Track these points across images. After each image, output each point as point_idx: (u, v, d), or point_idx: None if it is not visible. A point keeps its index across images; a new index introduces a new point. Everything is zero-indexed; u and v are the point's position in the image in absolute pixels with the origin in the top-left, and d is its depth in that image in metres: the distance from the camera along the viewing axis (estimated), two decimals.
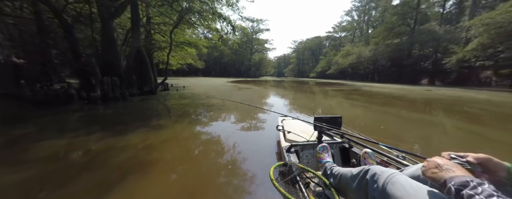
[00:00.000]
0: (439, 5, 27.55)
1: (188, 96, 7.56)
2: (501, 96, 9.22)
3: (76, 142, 2.53)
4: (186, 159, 2.12)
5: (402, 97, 8.84)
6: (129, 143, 2.48)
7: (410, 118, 4.43)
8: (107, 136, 2.71)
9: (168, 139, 2.67)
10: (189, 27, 11.56)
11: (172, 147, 2.44)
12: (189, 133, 3.00)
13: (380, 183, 0.60)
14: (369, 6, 42.74)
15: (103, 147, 2.34)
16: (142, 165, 1.91)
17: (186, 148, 2.45)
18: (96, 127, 3.23)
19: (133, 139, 2.61)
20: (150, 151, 2.26)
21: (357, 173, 0.75)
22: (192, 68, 30.70)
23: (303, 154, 1.45)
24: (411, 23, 27.32)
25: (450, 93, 10.42)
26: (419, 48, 26.55)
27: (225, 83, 17.54)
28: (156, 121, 3.59)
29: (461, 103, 7.14)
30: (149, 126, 3.25)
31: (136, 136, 2.73)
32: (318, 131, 1.45)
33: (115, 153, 2.20)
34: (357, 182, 0.73)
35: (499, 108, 6.09)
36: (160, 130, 3.07)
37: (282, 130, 1.95)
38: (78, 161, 2.02)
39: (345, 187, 0.83)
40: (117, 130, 3.05)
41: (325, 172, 1.03)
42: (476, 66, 17.43)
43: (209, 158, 2.16)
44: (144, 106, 5.37)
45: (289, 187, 0.91)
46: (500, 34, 12.44)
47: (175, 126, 3.36)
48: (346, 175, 0.82)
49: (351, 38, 48.37)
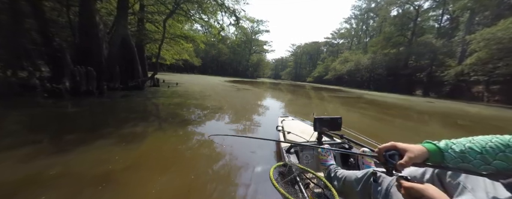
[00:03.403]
0: (434, 19, 28.55)
1: (180, 95, 6.61)
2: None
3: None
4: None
5: (411, 108, 8.41)
6: (69, 170, 1.57)
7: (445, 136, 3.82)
8: (43, 154, 1.78)
9: (139, 162, 1.78)
10: (187, 20, 10.63)
11: (141, 174, 1.57)
12: (171, 150, 2.13)
13: (384, 185, 0.60)
14: (367, 15, 43.66)
15: (19, 177, 1.43)
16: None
17: (163, 175, 1.58)
18: (36, 135, 2.26)
19: (82, 162, 1.70)
20: (104, 185, 1.38)
21: (361, 176, 0.75)
22: (187, 65, 29.44)
23: (303, 155, 1.41)
24: (408, 34, 27.87)
25: (455, 107, 10.18)
26: (415, 60, 27.04)
27: (223, 82, 16.60)
28: (132, 128, 2.68)
29: (481, 118, 6.75)
30: (119, 136, 2.34)
31: (90, 155, 1.82)
32: (317, 132, 1.44)
33: (39, 189, 1.30)
34: (362, 185, 0.73)
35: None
36: (132, 142, 2.18)
37: (281, 130, 1.93)
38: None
39: (349, 190, 0.81)
40: (65, 141, 2.12)
41: (329, 175, 1.03)
42: (470, 81, 17.77)
43: None
44: (124, 104, 4.40)
45: (289, 188, 0.90)
46: (500, 50, 12.54)
47: (155, 135, 2.47)
48: (351, 178, 0.81)
49: (348, 46, 49.08)
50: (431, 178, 0.63)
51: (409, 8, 28.74)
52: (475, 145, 0.52)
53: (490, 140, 0.51)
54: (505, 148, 0.48)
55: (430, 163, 0.54)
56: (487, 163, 0.49)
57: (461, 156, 0.51)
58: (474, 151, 0.51)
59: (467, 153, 0.51)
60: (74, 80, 4.66)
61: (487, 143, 0.51)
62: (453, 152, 0.52)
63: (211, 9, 9.38)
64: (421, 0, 27.15)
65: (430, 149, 0.54)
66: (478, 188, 0.50)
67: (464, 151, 0.51)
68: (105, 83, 5.50)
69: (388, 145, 0.57)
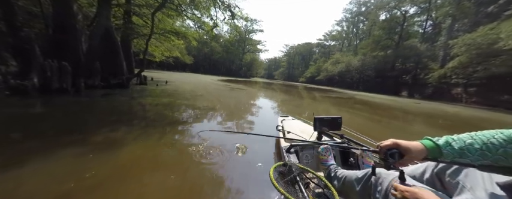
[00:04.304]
0: (419, 24, 30.17)
1: (170, 94, 6.18)
2: (489, 114, 9.61)
3: None
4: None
5: (400, 109, 8.64)
6: (21, 188, 1.23)
7: None
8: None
9: (111, 177, 1.46)
10: (178, 15, 10.09)
11: (113, 195, 1.26)
12: (154, 160, 1.82)
13: (384, 185, 0.60)
14: (357, 18, 45.09)
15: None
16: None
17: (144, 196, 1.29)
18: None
19: (39, 177, 1.35)
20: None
21: (361, 176, 0.74)
22: (179, 63, 28.44)
23: (303, 155, 1.41)
24: (396, 38, 29.14)
25: (438, 107, 10.68)
26: (402, 62, 28.32)
27: (216, 81, 16.13)
28: (109, 133, 2.31)
29: (460, 118, 7.05)
30: (92, 143, 1.98)
31: (51, 168, 1.46)
32: (317, 132, 1.44)
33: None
34: (362, 185, 0.72)
35: None
36: (107, 151, 1.83)
37: (281, 130, 1.92)
38: None
39: (349, 190, 0.80)
40: (22, 149, 1.72)
41: (329, 175, 1.03)
42: (451, 83, 18.92)
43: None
44: (104, 104, 3.93)
45: (289, 188, 0.91)
46: (479, 54, 13.39)
47: (137, 142, 2.11)
48: (351, 178, 0.81)
49: (339, 47, 50.38)
50: (431, 177, 0.62)
51: (397, 13, 30.05)
52: (476, 141, 0.52)
53: (493, 136, 0.51)
54: (507, 144, 0.48)
55: (428, 158, 0.57)
56: (485, 159, 0.50)
57: (459, 153, 0.53)
58: (474, 148, 0.52)
59: (466, 149, 0.52)
60: (44, 76, 4.09)
61: (489, 139, 0.51)
62: (451, 149, 0.54)
63: (205, 4, 8.96)
64: (408, 6, 28.48)
65: (429, 147, 0.56)
66: (477, 187, 0.50)
67: (463, 148, 0.53)
68: (83, 80, 4.94)
69: (390, 143, 0.59)
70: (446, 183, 0.57)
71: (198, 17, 10.25)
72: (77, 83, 4.56)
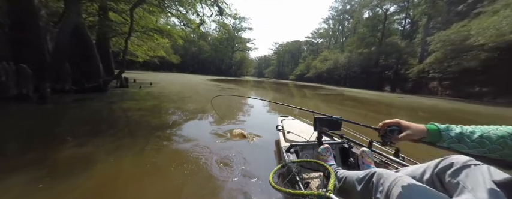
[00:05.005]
0: (398, 22, 31.93)
1: (155, 97, 5.72)
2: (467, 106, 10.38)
3: None
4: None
5: (385, 102, 9.00)
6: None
7: None
8: None
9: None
10: (161, 12, 9.43)
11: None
12: (130, 185, 1.54)
13: (385, 186, 0.60)
14: (343, 16, 46.49)
15: None
16: None
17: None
18: None
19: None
20: None
21: (363, 176, 0.73)
22: (165, 62, 27.06)
23: (303, 155, 1.42)
24: (379, 35, 30.51)
25: (418, 101, 11.35)
26: (384, 58, 29.79)
27: (205, 81, 15.56)
28: (75, 149, 1.94)
29: (437, 110, 7.50)
30: (49, 165, 1.62)
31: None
32: (317, 131, 1.43)
33: None
34: (363, 185, 0.71)
35: None
36: (68, 177, 1.51)
37: (281, 130, 1.92)
38: None
39: (350, 190, 0.80)
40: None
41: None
42: (428, 77, 20.34)
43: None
44: (75, 112, 3.45)
45: (288, 188, 0.88)
46: (453, 50, 14.43)
47: (111, 160, 1.76)
48: (352, 178, 0.81)
49: (327, 45, 51.70)
50: (431, 178, 0.62)
51: (379, 11, 31.40)
52: (477, 130, 0.54)
53: (496, 128, 0.53)
54: (508, 135, 0.50)
55: (425, 141, 0.60)
56: (482, 147, 0.52)
57: (458, 137, 0.55)
58: (473, 135, 0.54)
59: (466, 135, 0.54)
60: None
61: (491, 131, 0.53)
62: (452, 133, 0.56)
63: (190, 0, 8.45)
64: (389, 5, 29.87)
65: (430, 129, 0.59)
66: (478, 188, 0.49)
67: (462, 134, 0.55)
68: (50, 84, 4.33)
69: (393, 121, 0.64)
70: (447, 184, 0.57)
71: (183, 14, 9.66)
72: (41, 88, 3.97)
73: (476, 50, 12.94)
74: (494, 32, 11.13)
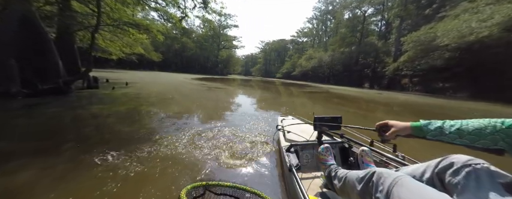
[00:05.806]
0: (375, 23, 34.34)
1: (130, 99, 5.10)
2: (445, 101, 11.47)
3: None
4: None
5: (366, 98, 9.50)
6: None
7: None
8: None
9: None
10: (137, 4, 8.55)
11: None
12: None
13: (386, 185, 0.61)
14: (325, 17, 48.27)
15: None
16: None
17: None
18: None
19: None
20: None
21: (363, 176, 0.73)
22: (144, 60, 25.14)
23: (303, 154, 1.44)
24: (358, 36, 32.38)
25: (393, 96, 12.32)
26: (363, 57, 31.78)
27: (190, 80, 14.76)
28: (12, 175, 1.44)
29: (408, 104, 8.16)
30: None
31: None
32: (317, 131, 1.43)
33: None
34: (363, 185, 0.71)
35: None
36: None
37: (281, 130, 1.92)
38: None
39: (350, 189, 0.80)
40: None
41: (329, 175, 1.03)
42: (401, 75, 22.27)
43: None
44: (20, 121, 2.77)
45: None
46: (422, 50, 15.88)
47: (61, 188, 1.32)
48: (352, 177, 0.81)
49: (311, 44, 53.32)
50: (431, 177, 0.62)
51: (358, 13, 33.25)
52: (457, 123, 0.59)
53: (477, 122, 0.57)
54: (483, 127, 0.54)
55: (413, 135, 0.68)
56: (461, 137, 0.57)
57: (438, 130, 0.61)
58: (452, 128, 0.59)
59: (445, 128, 0.60)
60: None
61: (470, 123, 0.57)
62: (432, 126, 0.63)
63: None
64: (366, 7, 31.82)
65: (412, 125, 0.68)
66: (479, 187, 0.49)
67: (442, 127, 0.60)
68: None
69: (383, 122, 0.77)
70: (447, 184, 0.56)
71: (163, 7, 8.88)
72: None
73: (442, 50, 14.42)
74: (456, 33, 12.47)
